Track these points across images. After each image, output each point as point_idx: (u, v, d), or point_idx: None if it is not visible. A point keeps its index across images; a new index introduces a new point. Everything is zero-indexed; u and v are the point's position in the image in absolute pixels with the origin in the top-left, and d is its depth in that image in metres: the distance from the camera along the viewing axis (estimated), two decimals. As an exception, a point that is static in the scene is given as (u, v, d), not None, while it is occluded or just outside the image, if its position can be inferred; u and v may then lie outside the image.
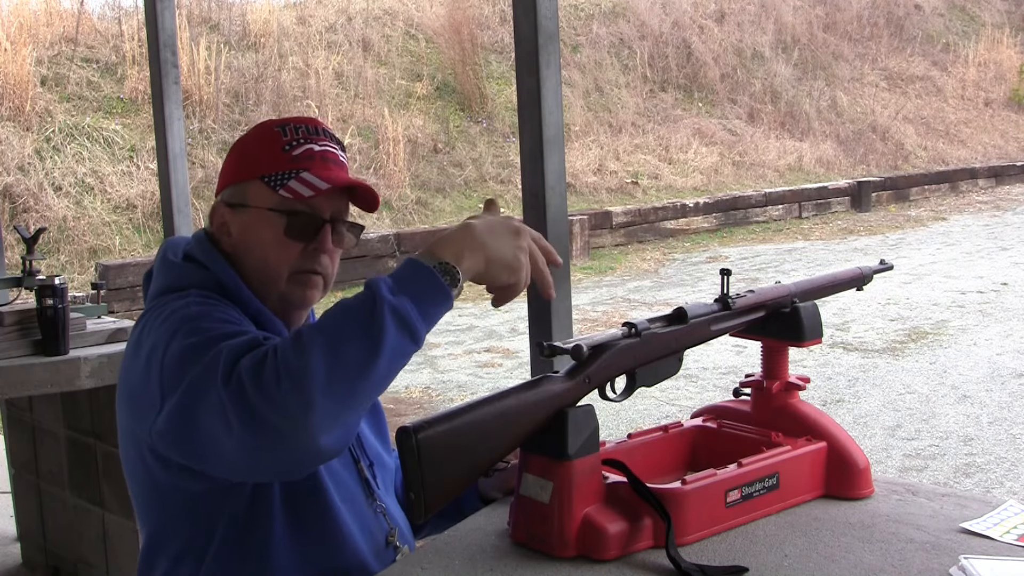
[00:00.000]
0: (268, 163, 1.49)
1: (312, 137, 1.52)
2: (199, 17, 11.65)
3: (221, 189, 1.56)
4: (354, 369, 1.15)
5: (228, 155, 1.58)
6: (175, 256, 1.52)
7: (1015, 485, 4.31)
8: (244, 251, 1.50)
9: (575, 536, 1.34)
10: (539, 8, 1.87)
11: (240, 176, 1.52)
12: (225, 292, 1.47)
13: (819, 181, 13.75)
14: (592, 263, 10.33)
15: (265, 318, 1.48)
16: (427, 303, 1.21)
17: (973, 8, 20.18)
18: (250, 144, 1.55)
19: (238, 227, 1.51)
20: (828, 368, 6.16)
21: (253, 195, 1.49)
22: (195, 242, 1.53)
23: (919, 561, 1.31)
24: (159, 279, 1.52)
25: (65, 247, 8.61)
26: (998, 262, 9.57)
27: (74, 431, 3.18)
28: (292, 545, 1.43)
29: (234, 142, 1.59)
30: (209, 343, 1.26)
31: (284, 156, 1.49)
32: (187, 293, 1.43)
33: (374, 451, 1.61)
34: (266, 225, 1.48)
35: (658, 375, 1.48)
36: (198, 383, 1.22)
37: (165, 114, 3.07)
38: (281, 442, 1.14)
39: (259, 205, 1.49)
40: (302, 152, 1.49)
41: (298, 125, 1.52)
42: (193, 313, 1.36)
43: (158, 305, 1.44)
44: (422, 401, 5.88)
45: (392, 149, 10.97)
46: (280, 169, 1.48)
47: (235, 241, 1.51)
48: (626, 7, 15.16)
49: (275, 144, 1.51)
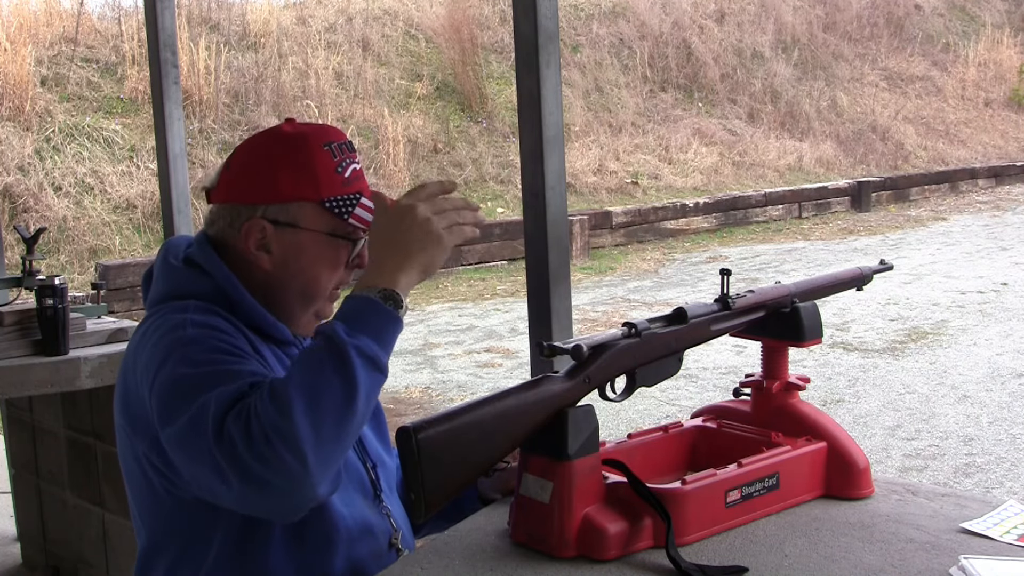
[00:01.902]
0: (326, 186, 1.46)
1: (351, 155, 1.50)
2: (199, 17, 11.64)
3: (248, 201, 1.47)
4: (337, 417, 1.19)
5: (251, 165, 1.48)
6: (176, 259, 1.49)
7: (1015, 485, 4.31)
8: (287, 270, 1.47)
9: (575, 536, 1.34)
10: (539, 8, 1.87)
11: (291, 195, 1.45)
12: (227, 301, 1.44)
13: (819, 181, 13.75)
14: (592, 263, 10.33)
15: (269, 324, 1.47)
16: (383, 333, 1.26)
17: (973, 8, 20.18)
18: (291, 160, 1.46)
19: (285, 247, 1.46)
20: (828, 368, 6.16)
21: (309, 218, 1.45)
22: (197, 246, 1.49)
23: (919, 561, 1.31)
24: (160, 284, 1.50)
25: (65, 247, 8.61)
26: (998, 262, 9.57)
27: (74, 431, 3.18)
28: (291, 551, 1.42)
29: (253, 151, 1.50)
30: (198, 384, 1.27)
31: (338, 179, 1.47)
32: (186, 306, 1.41)
33: (375, 452, 1.61)
34: (324, 248, 1.47)
35: (658, 375, 1.48)
36: (190, 435, 1.24)
37: (165, 114, 3.07)
38: (280, 496, 1.19)
39: (315, 228, 1.46)
40: (351, 174, 1.49)
41: (341, 143, 1.49)
42: (188, 338, 1.34)
43: (157, 315, 1.42)
44: (422, 401, 5.88)
45: (392, 149, 10.97)
46: (339, 193, 1.46)
47: (276, 259, 1.47)
48: (626, 7, 15.16)
49: (327, 165, 1.47)
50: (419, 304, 8.75)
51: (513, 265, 10.05)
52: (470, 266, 10.06)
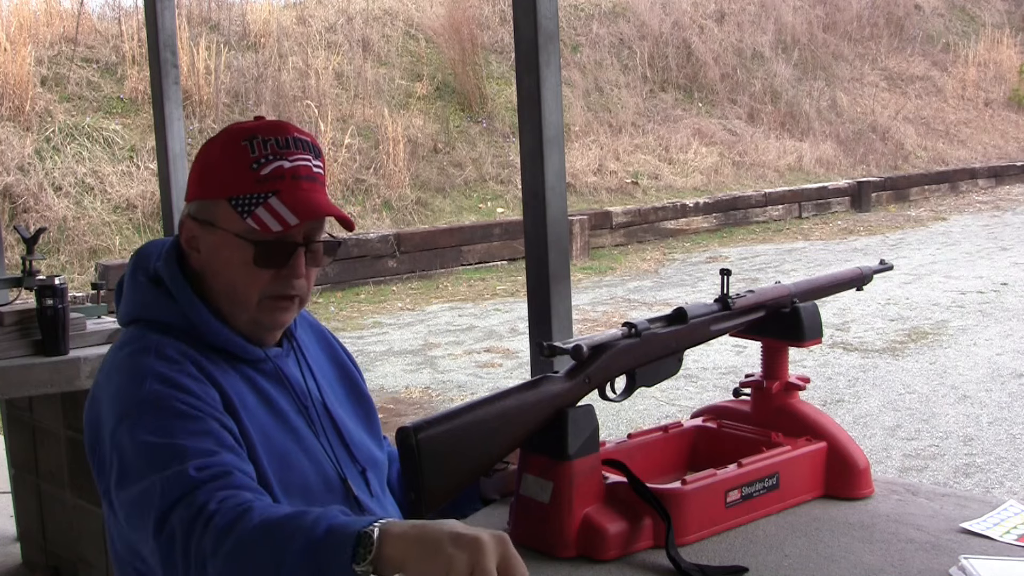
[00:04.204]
0: (235, 183, 1.39)
1: (282, 152, 1.40)
2: (199, 17, 11.64)
3: (189, 198, 1.47)
4: None
5: (196, 159, 1.47)
6: (145, 275, 1.48)
7: (1015, 485, 4.30)
8: (212, 273, 1.44)
9: (575, 536, 1.35)
10: (539, 8, 1.87)
11: (207, 193, 1.43)
12: (191, 327, 1.42)
13: (819, 181, 13.75)
14: (592, 263, 10.33)
15: (234, 345, 1.44)
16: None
17: (973, 8, 20.18)
18: (217, 155, 1.43)
19: (206, 246, 1.44)
20: (828, 368, 6.16)
21: (222, 216, 1.41)
22: (164, 263, 1.46)
23: (919, 561, 1.31)
24: (127, 303, 1.49)
25: (65, 247, 8.61)
26: (998, 262, 9.57)
27: (74, 431, 3.18)
28: None
29: (202, 144, 1.48)
30: (151, 460, 1.26)
31: (251, 176, 1.38)
32: (151, 346, 1.38)
33: (366, 454, 1.57)
34: (234, 250, 1.40)
35: (658, 375, 1.48)
36: (135, 510, 1.26)
37: (165, 114, 3.07)
38: None
39: (227, 228, 1.40)
40: (271, 171, 1.39)
41: (267, 138, 1.40)
42: (148, 397, 1.32)
43: (124, 350, 1.41)
44: (422, 401, 5.88)
45: (392, 149, 10.96)
46: (247, 191, 1.38)
47: (203, 260, 1.45)
48: (626, 7, 15.16)
49: (242, 161, 1.39)
50: (419, 304, 8.75)
51: (513, 265, 10.05)
52: (470, 266, 10.06)
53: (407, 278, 9.60)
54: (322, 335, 1.68)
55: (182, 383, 1.35)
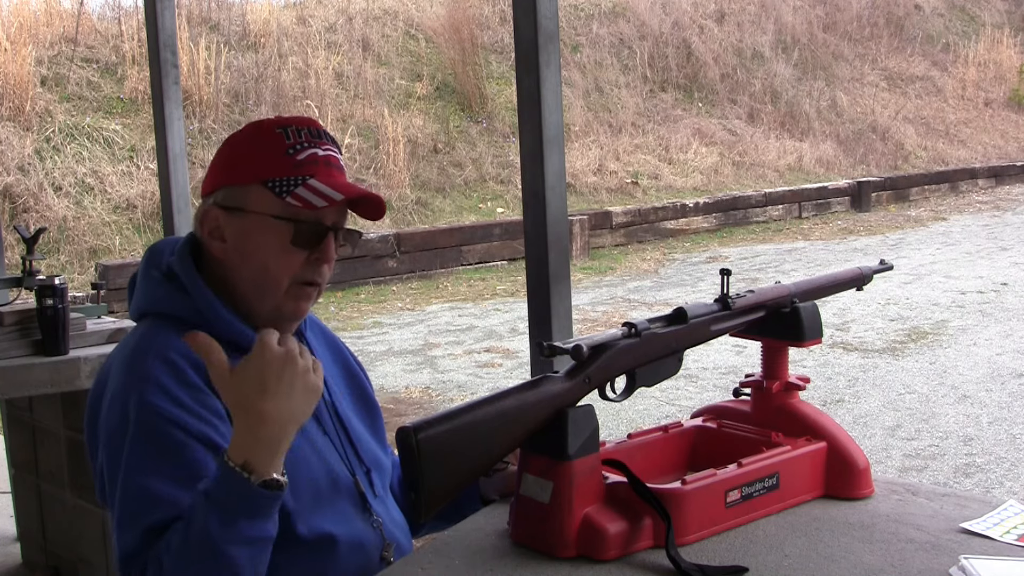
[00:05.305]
0: (271, 167, 1.43)
1: (315, 141, 1.46)
2: (199, 17, 11.64)
3: (211, 190, 1.49)
4: None
5: (218, 154, 1.51)
6: (158, 271, 1.49)
7: (1015, 485, 4.30)
8: (240, 258, 1.45)
9: (575, 536, 1.34)
10: (539, 8, 1.87)
11: (238, 179, 1.46)
12: (203, 320, 1.43)
13: (819, 181, 13.75)
14: (592, 263, 10.33)
15: (246, 338, 1.43)
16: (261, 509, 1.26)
17: (973, 8, 20.18)
18: (247, 145, 1.48)
19: (235, 232, 1.45)
20: (828, 368, 6.16)
21: (255, 200, 1.43)
22: (179, 259, 1.48)
23: (919, 561, 1.31)
24: (139, 297, 1.51)
25: (65, 247, 8.61)
26: (998, 262, 9.57)
27: (74, 431, 3.18)
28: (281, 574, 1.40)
29: (224, 140, 1.52)
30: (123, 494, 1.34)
31: (288, 160, 1.43)
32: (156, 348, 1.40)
33: (371, 456, 1.59)
34: (270, 232, 1.43)
35: (658, 375, 1.48)
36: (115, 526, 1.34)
37: (165, 114, 3.07)
38: None
39: (261, 211, 1.43)
40: (307, 156, 1.44)
41: (300, 127, 1.46)
42: (140, 417, 1.35)
43: (130, 344, 1.44)
44: (422, 401, 5.87)
45: (392, 149, 10.96)
46: (285, 174, 1.42)
47: (229, 247, 1.46)
48: (626, 7, 15.16)
49: (278, 147, 1.44)
50: (419, 304, 8.75)
51: (513, 265, 10.05)
52: (470, 266, 10.06)
53: (407, 278, 9.60)
54: (332, 341, 1.70)
55: (177, 396, 1.36)
